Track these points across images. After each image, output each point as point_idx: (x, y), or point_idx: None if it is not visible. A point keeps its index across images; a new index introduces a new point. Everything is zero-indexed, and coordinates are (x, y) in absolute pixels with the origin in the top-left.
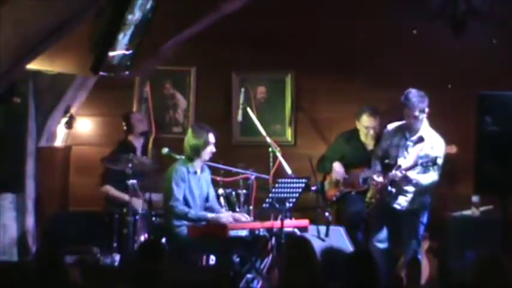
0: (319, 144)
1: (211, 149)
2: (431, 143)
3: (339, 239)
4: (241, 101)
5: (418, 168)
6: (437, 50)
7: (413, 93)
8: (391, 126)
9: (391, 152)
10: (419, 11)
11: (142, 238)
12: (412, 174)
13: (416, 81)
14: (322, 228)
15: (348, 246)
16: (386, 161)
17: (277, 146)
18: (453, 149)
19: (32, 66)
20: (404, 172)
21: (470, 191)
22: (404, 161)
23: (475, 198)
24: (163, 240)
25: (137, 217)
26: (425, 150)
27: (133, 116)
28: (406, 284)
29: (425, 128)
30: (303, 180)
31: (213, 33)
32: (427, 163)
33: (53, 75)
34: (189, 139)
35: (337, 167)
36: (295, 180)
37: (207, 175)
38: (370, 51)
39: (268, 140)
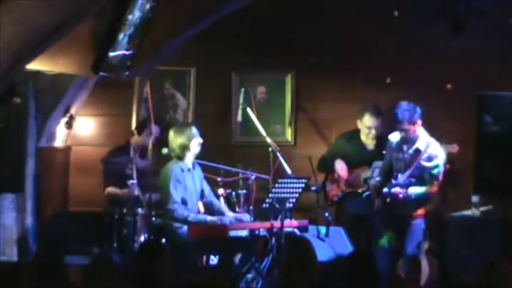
0: (319, 144)
1: (198, 140)
2: (428, 155)
3: (339, 239)
4: (241, 101)
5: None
6: (437, 50)
7: (402, 106)
8: (393, 139)
9: (395, 165)
10: (419, 11)
11: (142, 238)
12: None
13: (416, 81)
14: (322, 229)
15: (348, 247)
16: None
17: (277, 146)
18: (455, 148)
19: (32, 66)
20: (392, 191)
21: (470, 191)
22: (400, 177)
23: (475, 198)
24: (164, 240)
25: (137, 217)
26: (422, 163)
27: (141, 136)
28: (406, 284)
29: (423, 139)
30: (303, 181)
31: (213, 33)
32: (422, 178)
33: (53, 75)
34: (173, 140)
35: (339, 164)
36: (295, 181)
37: (199, 171)
38: (370, 51)
39: (268, 140)
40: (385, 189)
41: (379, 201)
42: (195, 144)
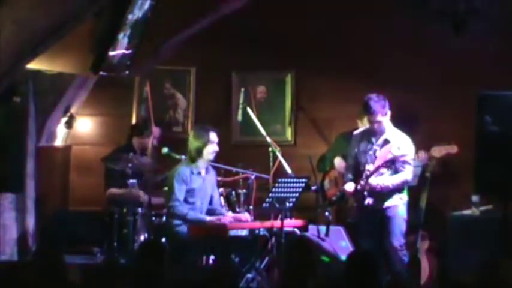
0: (319, 144)
1: (213, 148)
2: (398, 144)
3: (339, 238)
4: (241, 100)
5: (386, 171)
6: (437, 50)
7: (373, 99)
8: (356, 133)
9: (360, 159)
10: (419, 11)
11: (142, 238)
12: (382, 177)
13: (416, 81)
14: (322, 228)
15: (348, 246)
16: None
17: (277, 145)
18: (454, 149)
19: (32, 66)
20: (366, 180)
21: (470, 191)
22: (371, 167)
23: (475, 198)
24: (164, 240)
25: (137, 217)
26: (393, 152)
27: (141, 138)
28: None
29: (390, 130)
30: (303, 180)
31: (213, 33)
32: (387, 164)
33: (53, 75)
34: (191, 140)
35: (338, 162)
36: (295, 180)
37: (211, 177)
38: (370, 51)
39: (268, 139)
40: (359, 186)
41: (356, 199)
42: (209, 152)
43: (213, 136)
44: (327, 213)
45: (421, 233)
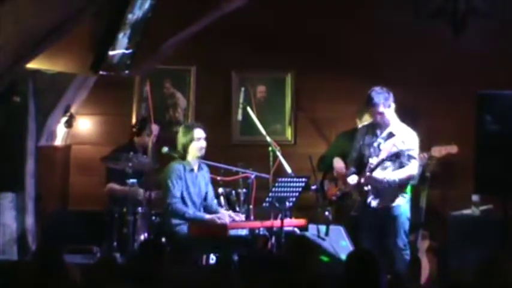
0: (319, 144)
1: (199, 144)
2: (402, 137)
3: (339, 238)
4: (241, 100)
5: (391, 166)
6: (437, 50)
7: (376, 91)
8: (362, 126)
9: (365, 152)
10: (419, 11)
11: (142, 237)
12: (387, 171)
13: (416, 81)
14: (322, 228)
15: (348, 246)
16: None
17: (277, 145)
18: (454, 149)
19: (32, 65)
20: (369, 173)
21: (470, 190)
22: (375, 160)
23: (475, 198)
24: (164, 239)
25: (137, 216)
26: (397, 145)
27: (142, 135)
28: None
29: (395, 124)
30: (303, 180)
31: (213, 32)
32: (391, 158)
33: (53, 74)
34: (179, 138)
35: (338, 162)
36: (295, 180)
37: (205, 173)
38: (370, 51)
39: (268, 139)
40: (362, 179)
41: (359, 195)
42: (195, 148)
43: (198, 133)
44: (327, 213)
45: (421, 233)
